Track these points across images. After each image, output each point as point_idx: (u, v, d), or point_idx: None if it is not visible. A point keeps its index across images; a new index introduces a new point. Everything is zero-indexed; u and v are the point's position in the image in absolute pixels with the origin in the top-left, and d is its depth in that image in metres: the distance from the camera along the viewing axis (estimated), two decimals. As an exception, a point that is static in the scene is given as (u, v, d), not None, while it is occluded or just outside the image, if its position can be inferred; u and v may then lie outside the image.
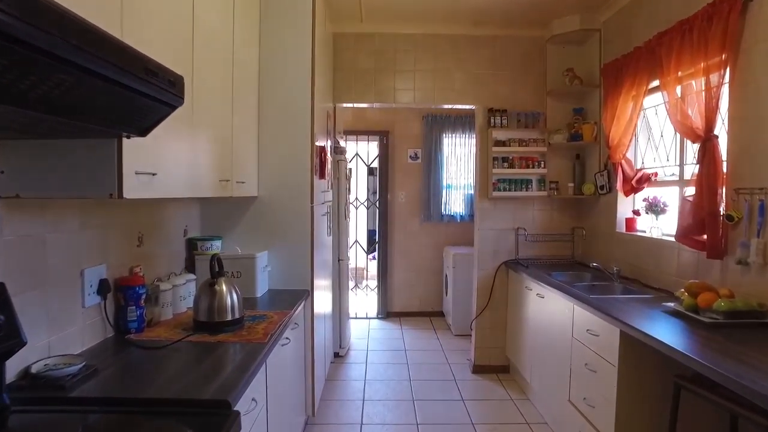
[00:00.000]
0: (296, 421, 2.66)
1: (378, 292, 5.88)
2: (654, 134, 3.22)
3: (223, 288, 1.99)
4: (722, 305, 2.06)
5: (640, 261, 3.12)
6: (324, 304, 3.47)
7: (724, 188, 2.34)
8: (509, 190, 3.93)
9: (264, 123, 2.82)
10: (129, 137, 1.30)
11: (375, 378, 3.94)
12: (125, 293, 1.90)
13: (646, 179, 3.11)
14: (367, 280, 6.32)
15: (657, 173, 3.10)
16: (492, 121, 3.93)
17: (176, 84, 1.22)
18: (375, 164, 5.96)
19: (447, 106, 4.20)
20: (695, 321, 2.12)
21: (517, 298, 3.80)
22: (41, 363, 1.42)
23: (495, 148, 3.89)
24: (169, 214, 2.43)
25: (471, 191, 5.69)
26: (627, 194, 3.31)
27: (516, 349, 3.82)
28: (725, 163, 2.35)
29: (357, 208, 5.94)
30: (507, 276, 4.03)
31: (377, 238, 5.95)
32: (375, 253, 6.05)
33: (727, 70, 2.28)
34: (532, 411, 3.36)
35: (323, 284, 3.43)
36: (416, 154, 5.82)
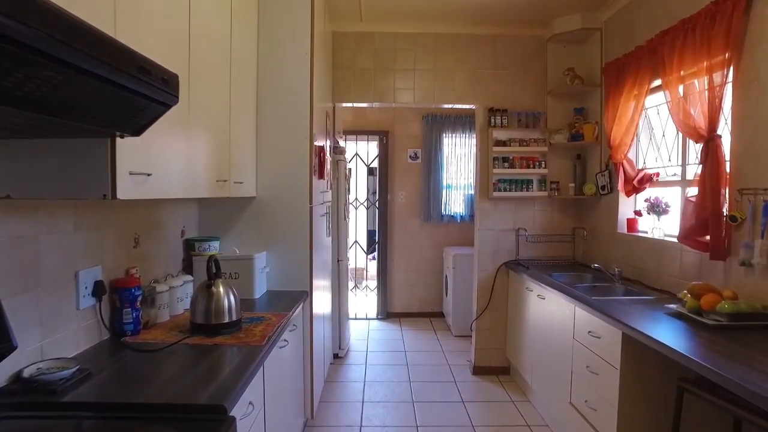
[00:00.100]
0: (295, 424, 2.64)
1: (378, 293, 5.85)
2: (656, 134, 3.20)
3: (220, 290, 1.96)
4: (726, 307, 2.04)
5: (642, 262, 3.10)
6: (323, 305, 3.44)
7: (728, 189, 2.31)
8: (510, 191, 3.91)
9: (262, 122, 2.79)
10: (123, 137, 1.27)
11: (374, 379, 3.92)
12: (121, 295, 1.87)
13: (648, 179, 3.09)
14: (367, 281, 6.29)
15: (659, 173, 3.07)
16: (492, 121, 3.90)
17: (170, 82, 1.19)
18: (375, 164, 5.93)
19: (447, 106, 4.18)
20: (698, 323, 2.10)
21: (518, 299, 3.77)
22: (34, 367, 1.39)
23: (495, 148, 3.87)
24: (167, 215, 2.40)
25: (471, 191, 5.66)
26: (628, 195, 3.29)
27: (516, 351, 3.79)
28: (728, 164, 2.33)
29: (357, 209, 5.92)
30: (507, 277, 4.01)
31: (377, 239, 5.93)
32: (375, 254, 6.02)
33: (731, 69, 2.25)
34: (533, 413, 3.34)
35: (322, 285, 3.40)
36: (416, 154, 5.80)
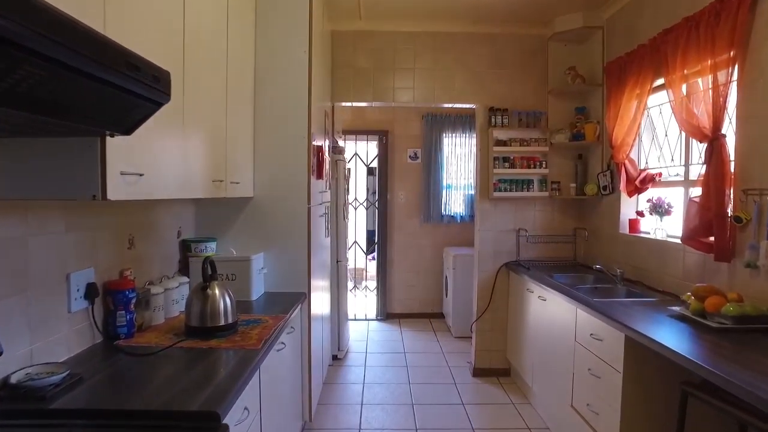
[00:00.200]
0: (293, 427, 2.60)
1: (377, 294, 5.81)
2: (658, 134, 3.16)
3: (216, 292, 1.93)
4: (731, 310, 2.00)
5: (644, 263, 3.06)
6: (322, 307, 3.41)
7: (732, 189, 2.28)
8: (510, 191, 3.87)
9: (260, 122, 2.76)
10: (113, 136, 1.23)
11: (374, 381, 3.88)
12: (114, 297, 1.83)
13: (650, 179, 3.05)
14: (367, 281, 6.26)
15: (661, 173, 3.04)
16: (493, 121, 3.87)
17: (161, 79, 1.15)
18: (374, 164, 5.89)
19: (447, 106, 4.14)
20: (703, 326, 2.06)
21: (518, 301, 3.73)
22: (22, 372, 1.36)
23: (496, 148, 3.83)
24: (162, 215, 2.36)
25: (471, 191, 5.63)
26: (630, 195, 3.25)
27: (517, 352, 3.76)
28: (733, 163, 2.29)
29: (356, 209, 5.88)
30: (508, 277, 3.97)
31: (376, 239, 5.89)
32: (374, 254, 5.99)
33: (736, 68, 2.22)
34: (534, 416, 3.30)
35: (321, 286, 3.37)
36: (416, 154, 5.76)
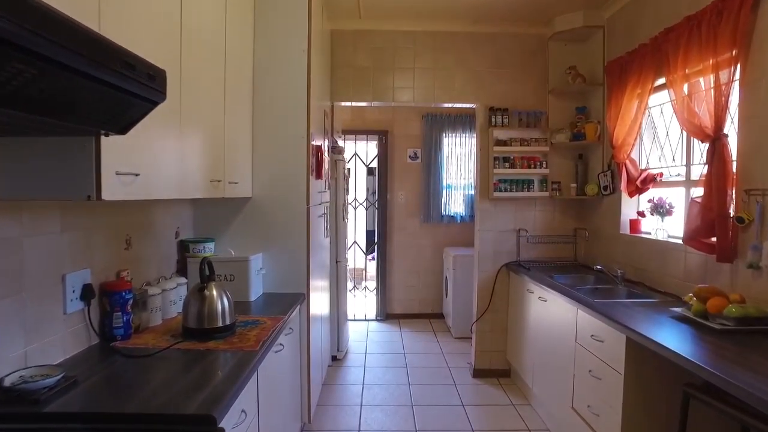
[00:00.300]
0: (291, 428, 2.58)
1: (377, 294, 5.80)
2: (659, 133, 3.14)
3: (213, 293, 1.91)
4: (733, 311, 1.98)
5: (645, 264, 3.04)
6: (321, 307, 3.39)
7: (734, 189, 2.26)
8: (510, 191, 3.86)
9: (258, 121, 2.74)
10: (107, 135, 1.21)
11: (373, 382, 3.86)
12: (111, 298, 1.81)
13: (651, 180, 3.03)
14: (366, 282, 6.24)
15: (662, 173, 3.02)
16: (493, 120, 3.85)
17: (157, 78, 1.14)
18: (374, 164, 5.87)
19: (447, 105, 4.12)
20: (705, 327, 2.04)
21: (519, 301, 3.72)
22: (16, 375, 1.34)
23: (496, 148, 3.81)
24: (160, 216, 2.35)
25: (471, 191, 5.61)
26: (631, 195, 3.23)
27: (517, 353, 3.74)
28: (735, 163, 2.27)
29: (356, 209, 5.86)
30: (508, 278, 3.95)
31: (376, 239, 5.87)
32: (374, 254, 5.97)
33: (738, 67, 2.20)
34: (534, 417, 3.28)
35: (320, 287, 3.35)
36: (416, 154, 5.74)
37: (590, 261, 3.75)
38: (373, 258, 6.02)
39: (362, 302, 6.05)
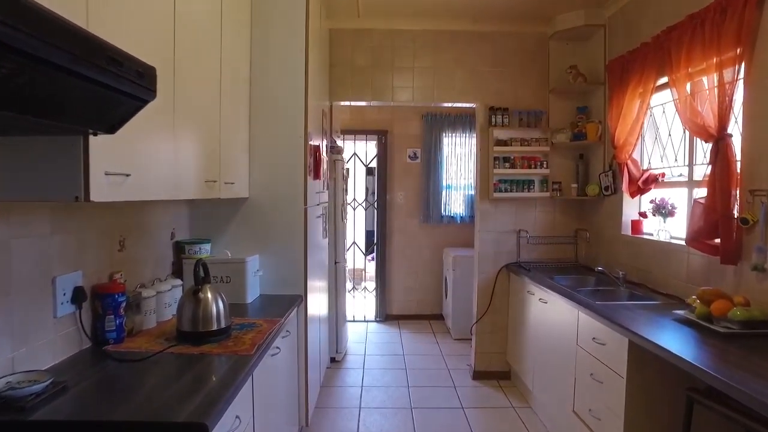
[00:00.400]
0: (288, 433, 2.55)
1: (376, 295, 5.76)
2: (661, 133, 3.11)
3: (208, 296, 1.87)
4: (738, 314, 1.94)
5: (647, 265, 3.00)
6: (319, 309, 3.35)
7: (738, 190, 2.22)
8: (511, 191, 3.82)
9: (255, 121, 2.70)
10: (95, 134, 1.18)
11: (372, 384, 3.83)
12: (103, 301, 1.78)
13: (653, 180, 3.00)
14: (365, 282, 6.20)
15: (664, 174, 2.98)
16: (493, 120, 3.81)
17: (146, 76, 1.10)
18: (373, 164, 5.84)
19: (447, 105, 4.09)
20: (709, 330, 2.01)
21: (519, 303, 3.68)
22: (2, 381, 1.30)
23: (496, 148, 3.78)
24: (155, 216, 2.31)
25: (471, 192, 5.57)
26: (633, 195, 3.19)
27: (517, 355, 3.70)
28: (739, 164, 2.24)
29: (355, 209, 5.82)
30: (508, 279, 3.92)
31: (376, 240, 5.84)
32: (373, 255, 5.93)
33: (742, 66, 2.16)
34: (534, 420, 3.25)
35: (318, 288, 3.31)
36: (415, 154, 5.71)
37: (591, 262, 3.71)
38: (373, 258, 5.99)
39: (361, 303, 6.01)
